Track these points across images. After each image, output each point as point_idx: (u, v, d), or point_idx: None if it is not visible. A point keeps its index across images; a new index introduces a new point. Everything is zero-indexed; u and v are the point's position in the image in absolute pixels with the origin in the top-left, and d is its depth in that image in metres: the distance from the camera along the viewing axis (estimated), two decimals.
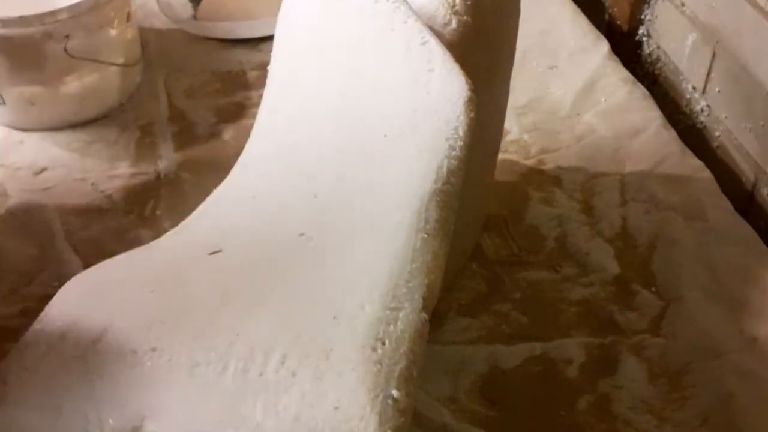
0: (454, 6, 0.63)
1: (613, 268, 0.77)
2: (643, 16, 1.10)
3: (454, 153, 0.58)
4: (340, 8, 0.65)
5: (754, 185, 0.88)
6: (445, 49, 0.60)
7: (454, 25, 0.62)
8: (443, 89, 0.60)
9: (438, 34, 0.61)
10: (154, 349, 0.51)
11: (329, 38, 0.65)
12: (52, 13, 0.86)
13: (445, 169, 0.58)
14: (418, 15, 0.62)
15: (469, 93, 0.59)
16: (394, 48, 0.62)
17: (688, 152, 0.91)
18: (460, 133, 0.58)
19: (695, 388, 0.66)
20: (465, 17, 0.63)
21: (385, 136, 0.60)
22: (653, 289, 0.75)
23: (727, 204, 0.84)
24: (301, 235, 0.58)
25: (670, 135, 0.93)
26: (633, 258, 0.78)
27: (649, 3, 1.09)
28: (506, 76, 0.74)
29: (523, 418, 0.64)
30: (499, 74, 0.71)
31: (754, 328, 0.71)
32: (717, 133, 0.94)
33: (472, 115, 0.59)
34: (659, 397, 0.66)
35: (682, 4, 1.00)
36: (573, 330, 0.71)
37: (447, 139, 0.58)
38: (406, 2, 0.63)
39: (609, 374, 0.68)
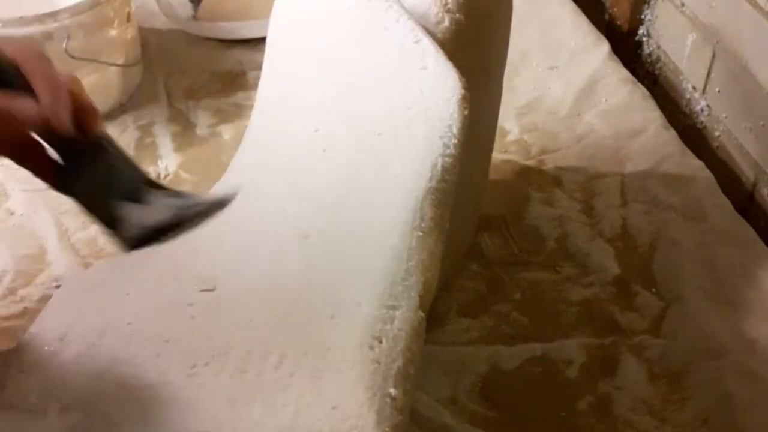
0: (446, 4, 0.63)
1: (614, 268, 0.77)
2: (643, 16, 1.10)
3: (448, 151, 0.58)
4: (332, 8, 0.65)
5: (754, 185, 0.87)
6: (438, 48, 0.60)
7: (446, 23, 0.62)
8: (437, 87, 0.59)
9: (430, 33, 0.61)
10: (151, 352, 0.51)
11: (322, 38, 0.65)
12: (53, 14, 0.86)
13: (439, 167, 0.58)
14: (411, 13, 0.62)
15: (462, 91, 0.59)
16: (387, 47, 0.62)
17: (688, 152, 0.91)
18: (454, 131, 0.58)
19: (695, 388, 0.66)
20: (457, 15, 0.62)
21: (380, 134, 0.60)
22: (653, 289, 0.75)
23: (727, 204, 0.84)
24: (297, 234, 0.58)
25: (670, 135, 0.93)
26: (633, 258, 0.78)
27: (649, 3, 1.09)
28: (499, 74, 0.74)
29: (523, 418, 0.64)
30: (492, 72, 0.71)
31: (754, 328, 0.71)
32: (717, 133, 0.94)
33: (465, 112, 0.59)
34: (659, 398, 0.66)
35: (682, 4, 1.00)
36: (573, 331, 0.71)
37: (441, 137, 0.58)
38: (399, 1, 0.62)
39: (609, 375, 0.67)
